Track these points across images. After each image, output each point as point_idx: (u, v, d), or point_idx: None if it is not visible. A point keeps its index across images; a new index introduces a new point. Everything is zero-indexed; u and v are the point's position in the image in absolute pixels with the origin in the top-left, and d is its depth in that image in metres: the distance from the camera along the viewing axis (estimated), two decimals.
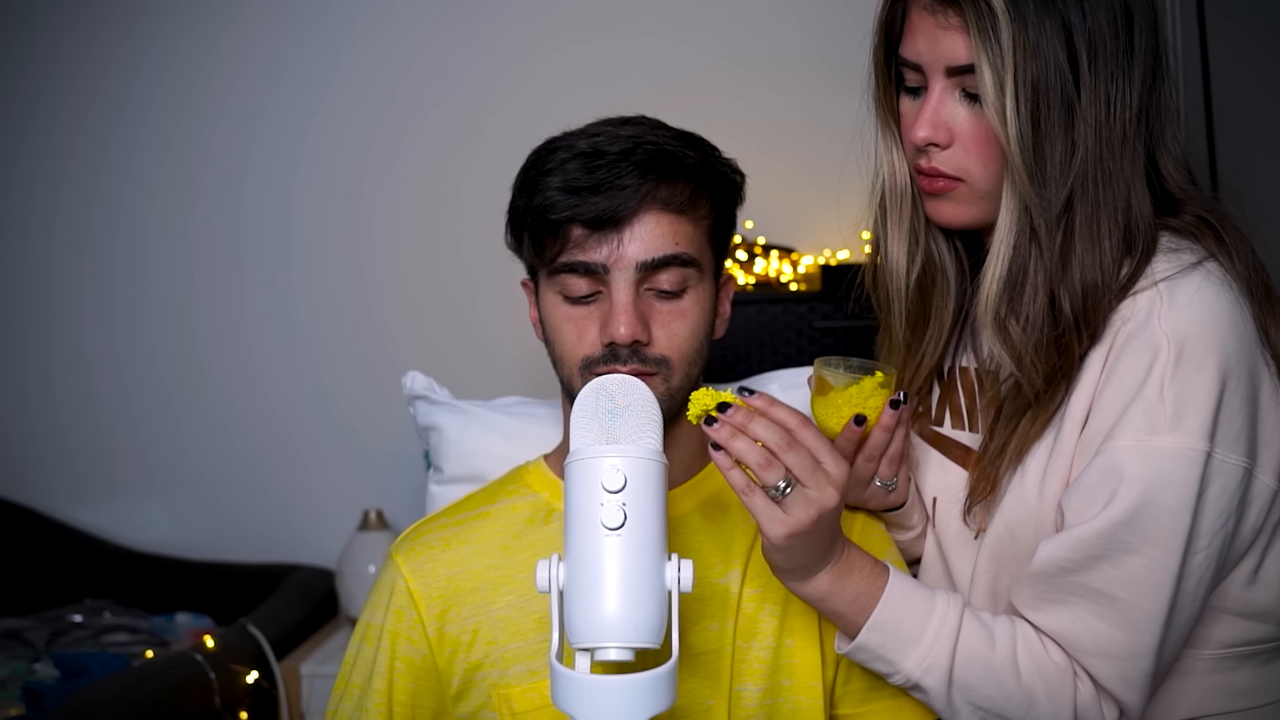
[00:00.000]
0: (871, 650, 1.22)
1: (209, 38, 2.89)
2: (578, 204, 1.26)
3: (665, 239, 1.27)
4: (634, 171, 1.26)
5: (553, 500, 1.37)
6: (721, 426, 1.13)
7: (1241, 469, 1.18)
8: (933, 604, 1.21)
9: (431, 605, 1.33)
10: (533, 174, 1.31)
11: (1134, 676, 1.19)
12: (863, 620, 1.20)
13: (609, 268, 1.27)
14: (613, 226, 1.26)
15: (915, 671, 1.20)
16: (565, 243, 1.27)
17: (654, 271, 1.27)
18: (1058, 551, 1.19)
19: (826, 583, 1.20)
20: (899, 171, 1.33)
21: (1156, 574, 1.17)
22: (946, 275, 1.37)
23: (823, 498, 1.12)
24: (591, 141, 1.29)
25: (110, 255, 2.95)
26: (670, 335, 1.28)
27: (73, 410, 2.96)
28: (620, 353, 1.27)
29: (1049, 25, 1.18)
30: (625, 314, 1.26)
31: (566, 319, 1.30)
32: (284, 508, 2.90)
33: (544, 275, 1.32)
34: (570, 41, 2.81)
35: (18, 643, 2.62)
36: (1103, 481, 1.17)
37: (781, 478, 1.12)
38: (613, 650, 1.03)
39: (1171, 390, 1.16)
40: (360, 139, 2.87)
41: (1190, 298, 1.18)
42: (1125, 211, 1.22)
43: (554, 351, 1.33)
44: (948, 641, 1.20)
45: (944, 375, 1.40)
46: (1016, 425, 1.26)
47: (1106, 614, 1.18)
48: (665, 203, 1.27)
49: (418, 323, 2.86)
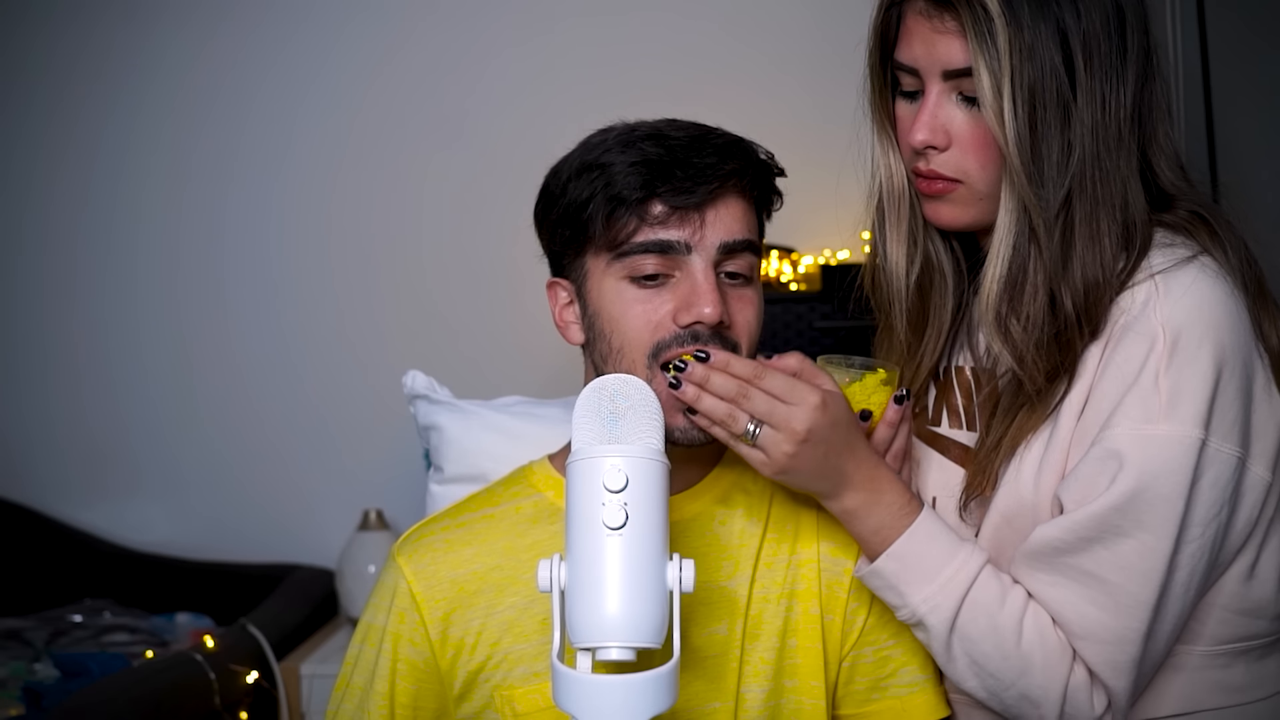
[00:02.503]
0: (885, 578, 1.24)
1: (199, 39, 2.90)
2: (659, 181, 1.23)
3: (742, 223, 1.27)
4: (714, 153, 1.25)
5: (557, 500, 1.36)
6: (687, 387, 1.20)
7: (1235, 459, 1.19)
8: (957, 550, 1.23)
9: (434, 607, 1.33)
10: (596, 155, 1.27)
11: (1121, 661, 1.20)
12: (885, 548, 1.23)
13: (692, 247, 1.25)
14: (695, 206, 1.24)
15: (922, 608, 1.22)
16: (642, 221, 1.24)
17: (730, 255, 1.26)
18: (1052, 532, 1.21)
19: (851, 505, 1.24)
20: (896, 174, 1.34)
21: (1148, 558, 1.18)
22: (944, 276, 1.38)
23: (792, 432, 1.18)
24: (653, 128, 1.27)
25: (110, 255, 2.95)
26: (745, 321, 1.28)
27: (73, 410, 2.96)
28: (702, 334, 1.25)
29: (1044, 28, 1.19)
30: (711, 292, 1.24)
31: (635, 301, 1.26)
32: (284, 508, 2.90)
33: (607, 261, 1.26)
34: (569, 41, 2.81)
35: (18, 643, 2.62)
36: (1100, 470, 1.18)
37: (749, 423, 1.19)
38: (614, 650, 1.03)
39: (1167, 379, 1.17)
40: (359, 138, 2.87)
41: (1186, 289, 1.20)
42: (1123, 209, 1.23)
43: (610, 343, 1.28)
44: (960, 587, 1.22)
45: (940, 375, 1.41)
46: (1013, 419, 1.27)
47: (1096, 597, 1.19)
48: (741, 189, 1.27)
49: (418, 322, 2.86)
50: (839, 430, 1.20)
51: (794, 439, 1.18)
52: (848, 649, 1.35)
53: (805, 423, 1.18)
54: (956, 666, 1.24)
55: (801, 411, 1.18)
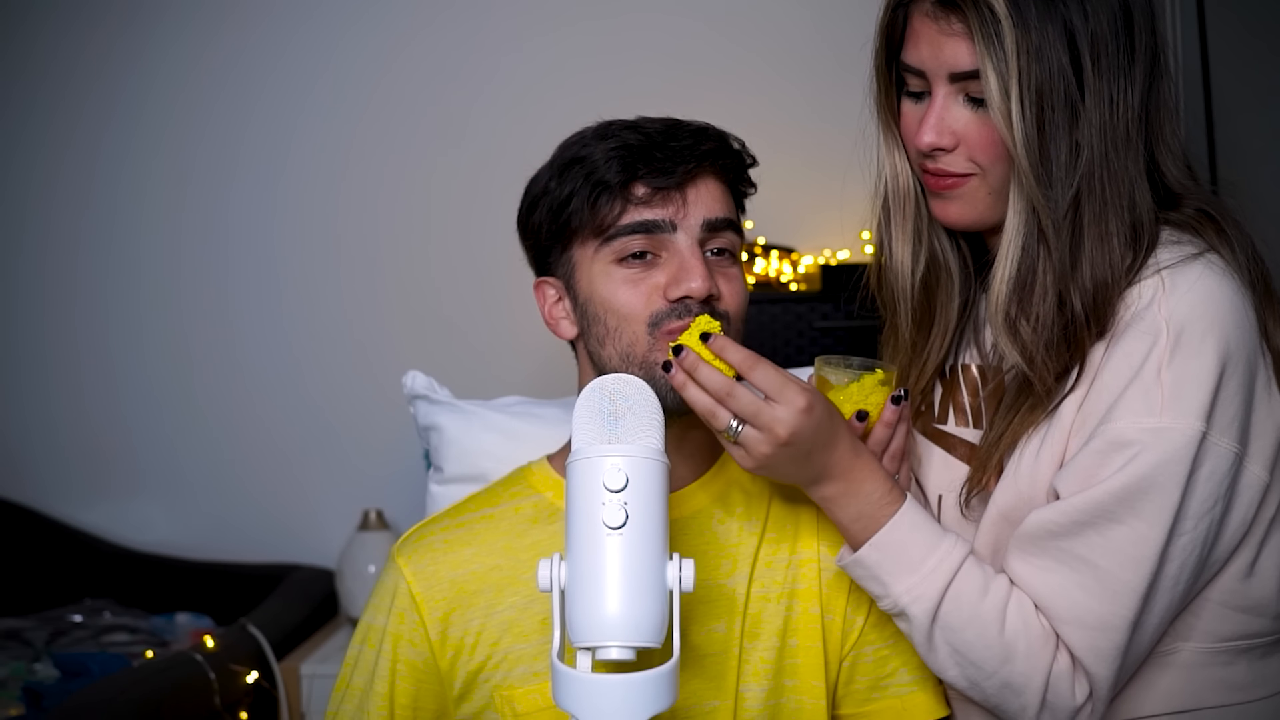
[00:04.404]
0: (868, 568, 1.24)
1: (201, 39, 2.89)
2: (639, 164, 1.27)
3: (721, 202, 1.31)
4: (689, 136, 1.29)
5: (556, 500, 1.37)
6: (676, 373, 1.20)
7: (1233, 454, 1.19)
8: (940, 541, 1.23)
9: (434, 608, 1.33)
10: (576, 150, 1.31)
11: (1105, 648, 1.20)
12: (865, 537, 1.23)
13: (676, 225, 1.28)
14: (676, 186, 1.28)
15: (904, 598, 1.22)
16: (627, 203, 1.28)
17: (715, 233, 1.30)
18: (1047, 515, 1.21)
19: (828, 493, 1.24)
20: (901, 174, 1.35)
21: (1140, 546, 1.18)
22: (951, 273, 1.38)
23: (775, 436, 1.18)
24: (627, 121, 1.32)
25: (111, 255, 2.95)
26: (733, 292, 1.31)
27: (74, 410, 2.96)
28: (693, 307, 1.27)
29: (1051, 29, 1.20)
30: (700, 266, 1.27)
31: (624, 281, 1.29)
32: (284, 508, 2.90)
33: (594, 248, 1.29)
34: (569, 41, 2.81)
35: (18, 643, 2.62)
36: (1100, 460, 1.19)
37: (731, 419, 1.19)
38: (614, 649, 1.03)
39: (1169, 373, 1.17)
40: (361, 139, 2.87)
41: (1192, 285, 1.20)
42: (1130, 209, 1.24)
43: (605, 325, 1.30)
44: (943, 578, 1.22)
45: (946, 373, 1.41)
46: (1016, 415, 1.27)
47: (1085, 582, 1.20)
48: (718, 171, 1.31)
49: (418, 322, 2.86)
50: (821, 432, 1.20)
51: (775, 442, 1.19)
52: (848, 648, 1.35)
53: (789, 427, 1.18)
54: (937, 656, 1.24)
55: (786, 414, 1.18)
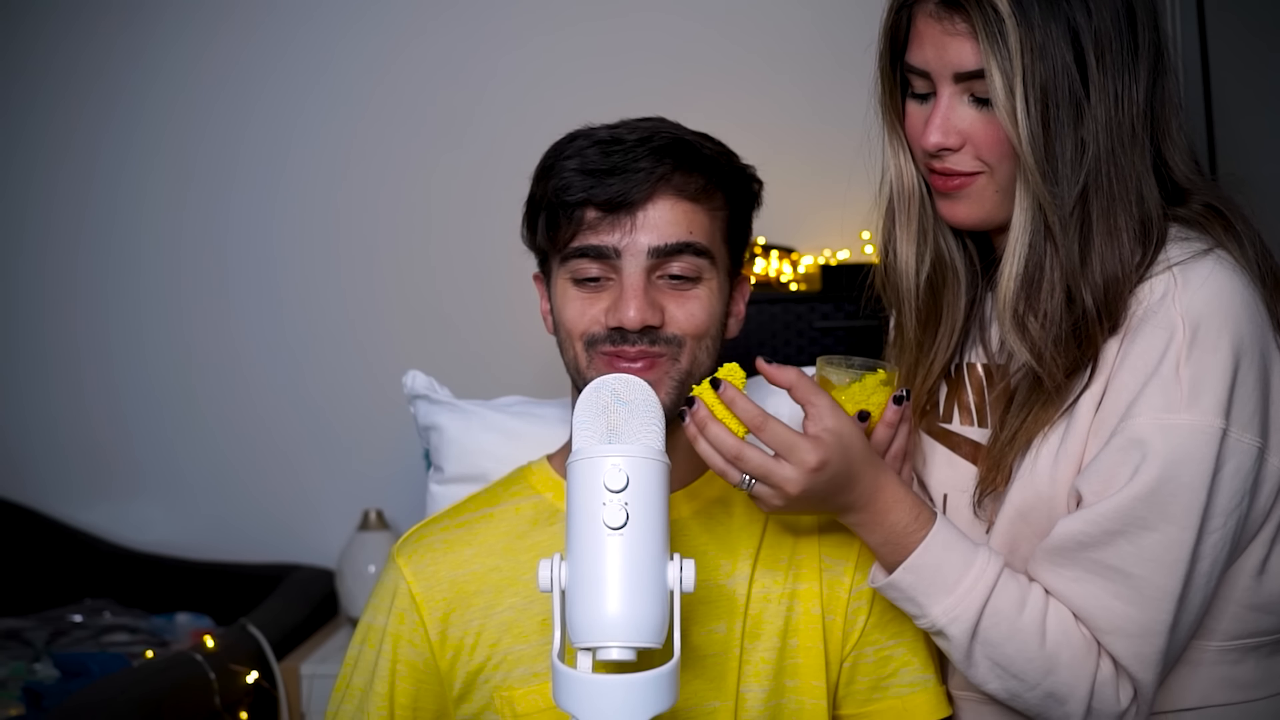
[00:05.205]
0: (903, 590, 1.23)
1: (202, 39, 2.89)
2: (592, 186, 1.27)
3: (678, 226, 1.28)
4: (649, 156, 1.27)
5: (556, 501, 1.37)
6: (689, 425, 1.19)
7: (1255, 449, 1.19)
8: (974, 557, 1.23)
9: (434, 608, 1.33)
10: (550, 160, 1.32)
11: (1149, 654, 1.20)
12: (898, 560, 1.23)
13: (621, 251, 1.27)
14: (626, 210, 1.27)
15: (942, 619, 1.22)
16: (579, 226, 1.28)
17: (666, 258, 1.28)
18: (1076, 525, 1.21)
19: (853, 521, 1.24)
20: (906, 174, 1.35)
21: (1173, 550, 1.18)
22: (957, 273, 1.38)
23: (785, 494, 1.18)
24: (611, 131, 1.31)
25: (111, 254, 2.94)
26: (687, 315, 1.29)
27: (74, 410, 2.96)
28: (629, 336, 1.27)
29: (1055, 27, 1.20)
30: (636, 298, 1.26)
31: (574, 299, 1.30)
32: (284, 507, 2.89)
33: (556, 262, 1.32)
34: (569, 41, 2.81)
35: (18, 643, 2.62)
36: (1123, 460, 1.19)
37: (743, 474, 1.19)
38: (614, 650, 1.03)
39: (1187, 369, 1.17)
40: (361, 139, 2.87)
41: (1204, 280, 1.20)
42: (1138, 204, 1.24)
43: (559, 335, 1.33)
44: (980, 596, 1.21)
45: (951, 372, 1.41)
46: (1028, 414, 1.27)
47: (1122, 591, 1.19)
48: (679, 189, 1.28)
49: (418, 322, 2.86)
50: (837, 479, 1.19)
51: (785, 498, 1.19)
52: (849, 649, 1.35)
53: (799, 485, 1.18)
54: (978, 670, 1.23)
55: (796, 474, 1.17)
